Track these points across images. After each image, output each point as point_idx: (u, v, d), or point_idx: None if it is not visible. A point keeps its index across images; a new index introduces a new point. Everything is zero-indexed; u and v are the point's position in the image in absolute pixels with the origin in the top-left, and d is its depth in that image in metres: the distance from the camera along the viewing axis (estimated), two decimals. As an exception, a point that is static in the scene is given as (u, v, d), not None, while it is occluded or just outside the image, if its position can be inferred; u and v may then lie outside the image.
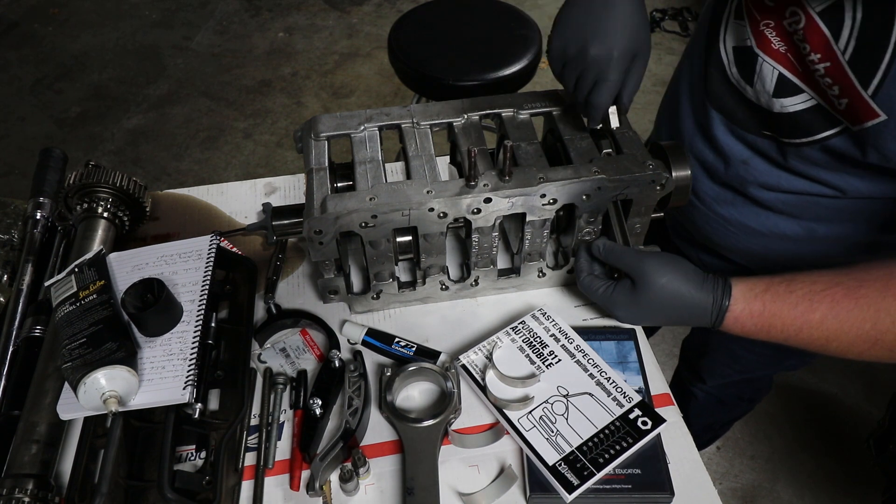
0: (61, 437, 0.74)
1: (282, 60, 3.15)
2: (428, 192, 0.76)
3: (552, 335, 0.82)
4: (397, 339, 0.85)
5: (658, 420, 0.73)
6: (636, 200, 0.81)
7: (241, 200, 1.08)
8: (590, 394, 0.76)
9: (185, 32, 3.33)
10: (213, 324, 0.80)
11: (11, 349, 0.81)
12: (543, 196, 0.77)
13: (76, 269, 0.80)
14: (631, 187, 0.79)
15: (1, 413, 0.76)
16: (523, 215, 0.80)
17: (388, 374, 0.79)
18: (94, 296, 0.76)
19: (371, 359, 0.85)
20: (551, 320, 0.84)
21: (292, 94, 2.98)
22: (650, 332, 1.68)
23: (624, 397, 0.75)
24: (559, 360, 0.79)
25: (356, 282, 0.92)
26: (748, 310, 0.72)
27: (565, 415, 0.74)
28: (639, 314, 0.79)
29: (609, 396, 0.75)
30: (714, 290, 0.73)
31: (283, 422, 0.79)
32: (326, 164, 0.82)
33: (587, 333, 0.83)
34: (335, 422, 0.79)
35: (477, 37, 1.77)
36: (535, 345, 0.81)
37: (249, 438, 0.77)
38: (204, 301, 0.78)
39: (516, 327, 0.83)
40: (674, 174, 0.81)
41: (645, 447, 0.72)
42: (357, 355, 0.82)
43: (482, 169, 0.79)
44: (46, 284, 0.83)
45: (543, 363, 0.79)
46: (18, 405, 0.75)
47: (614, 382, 0.77)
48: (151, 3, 3.49)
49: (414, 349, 0.84)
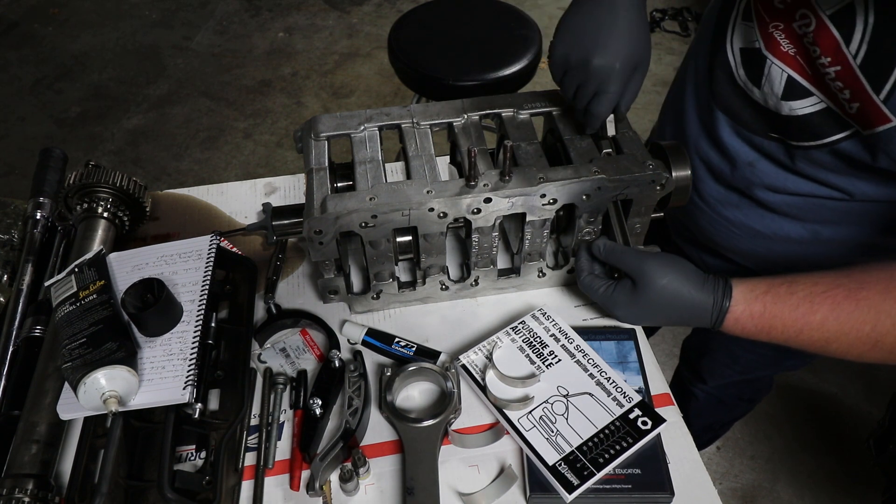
0: (61, 437, 0.74)
1: (282, 60, 3.15)
2: (428, 192, 0.76)
3: (552, 335, 0.82)
4: (397, 339, 0.85)
5: (658, 420, 0.73)
6: (636, 200, 0.81)
7: (241, 200, 1.08)
8: (590, 394, 0.76)
9: (185, 32, 3.33)
10: (213, 324, 0.80)
11: (11, 349, 0.81)
12: (543, 196, 0.77)
13: (76, 269, 0.80)
14: (631, 187, 0.79)
15: (1, 413, 0.76)
16: (523, 215, 0.80)
17: (388, 374, 0.79)
18: (94, 296, 0.76)
19: (371, 359, 0.85)
20: (551, 320, 0.84)
21: (292, 94, 2.98)
22: (650, 332, 1.68)
23: (624, 397, 0.75)
24: (559, 360, 0.79)
25: (356, 282, 0.92)
26: (748, 311, 0.72)
27: (565, 415, 0.74)
28: (639, 314, 0.79)
29: (609, 396, 0.75)
30: (714, 291, 0.73)
31: (283, 422, 0.79)
32: (326, 164, 0.82)
33: (587, 333, 0.83)
34: (335, 422, 0.79)
35: (477, 37, 1.77)
36: (535, 345, 0.81)
37: (249, 438, 0.77)
38: (204, 301, 0.78)
39: (516, 327, 0.83)
40: (674, 174, 0.81)
41: (645, 447, 0.72)
42: (357, 355, 0.82)
43: (482, 169, 0.79)
44: (46, 284, 0.83)
45: (543, 363, 0.79)
46: (18, 405, 0.75)
47: (614, 382, 0.77)
48: (151, 3, 3.50)
49: (414, 349, 0.84)
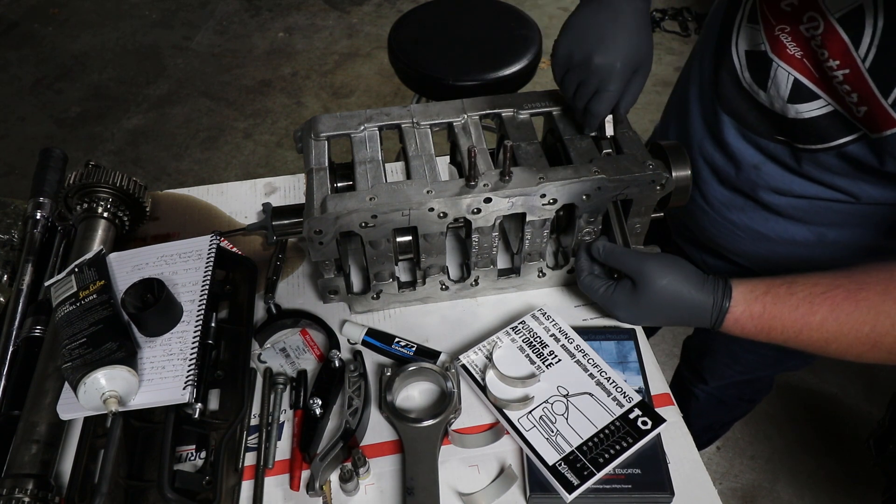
0: (61, 437, 0.74)
1: (282, 60, 3.15)
2: (428, 192, 0.76)
3: (552, 335, 0.82)
4: (397, 339, 0.85)
5: (658, 420, 0.73)
6: (636, 200, 0.81)
7: (241, 200, 1.08)
8: (590, 394, 0.76)
9: (185, 32, 3.33)
10: (213, 324, 0.80)
11: (11, 349, 0.81)
12: (543, 196, 0.77)
13: (76, 269, 0.80)
14: (631, 187, 0.79)
15: (1, 413, 0.76)
16: (523, 215, 0.80)
17: (388, 374, 0.79)
18: (94, 296, 0.76)
19: (371, 359, 0.85)
20: (551, 320, 0.84)
21: (292, 94, 2.98)
22: (650, 333, 1.68)
23: (624, 397, 0.75)
24: (559, 360, 0.79)
25: (356, 282, 0.92)
26: (748, 311, 0.72)
27: (565, 415, 0.74)
28: (639, 314, 0.79)
29: (609, 396, 0.75)
30: (714, 292, 0.73)
31: (283, 422, 0.79)
32: (326, 164, 0.82)
33: (587, 333, 0.83)
34: (335, 422, 0.79)
35: (477, 37, 1.77)
36: (535, 345, 0.81)
37: (249, 438, 0.77)
38: (204, 301, 0.78)
39: (516, 327, 0.83)
40: (674, 174, 0.81)
41: (645, 447, 0.72)
42: (357, 355, 0.82)
43: (482, 169, 0.79)
44: (46, 284, 0.83)
45: (543, 363, 0.79)
46: (18, 405, 0.75)
47: (614, 382, 0.77)
48: (151, 3, 3.49)
49: (414, 349, 0.84)
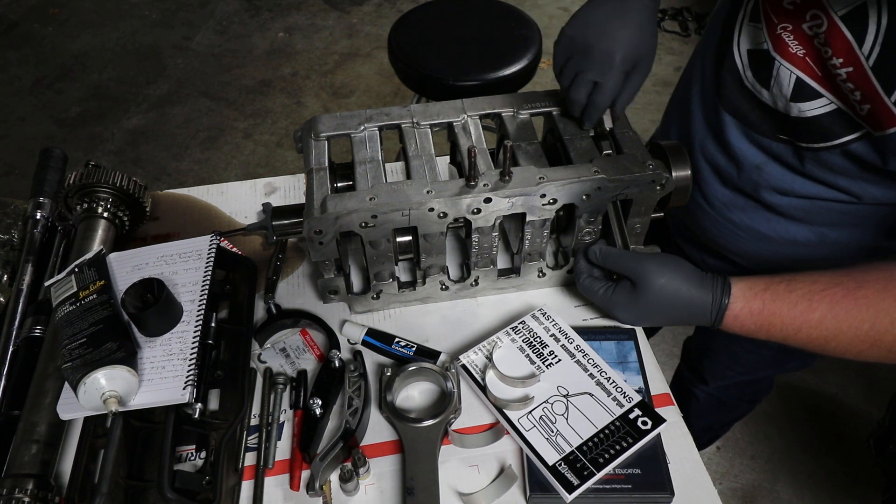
0: (61, 437, 0.74)
1: (282, 60, 3.15)
2: (428, 192, 0.76)
3: (552, 335, 0.82)
4: (397, 339, 0.85)
5: (658, 420, 0.73)
6: (636, 200, 0.81)
7: (241, 200, 1.08)
8: (590, 394, 0.76)
9: (185, 32, 3.33)
10: (213, 324, 0.80)
11: (11, 349, 0.81)
12: (543, 196, 0.77)
13: (76, 269, 0.80)
14: (631, 187, 0.79)
15: (1, 413, 0.76)
16: (523, 215, 0.80)
17: (388, 374, 0.79)
18: (94, 296, 0.76)
19: (371, 359, 0.85)
20: (551, 320, 0.84)
21: (292, 94, 2.98)
22: (651, 333, 1.68)
23: (624, 397, 0.75)
24: (559, 360, 0.79)
25: (356, 282, 0.92)
26: (747, 308, 0.72)
27: (565, 415, 0.74)
28: (639, 315, 0.79)
29: (609, 396, 0.75)
30: (713, 289, 0.73)
31: (283, 422, 0.79)
32: (326, 164, 0.82)
33: (587, 333, 0.83)
34: (335, 422, 0.79)
35: (477, 37, 1.77)
36: (535, 345, 0.81)
37: (249, 438, 0.77)
38: (204, 301, 0.78)
39: (516, 327, 0.83)
40: (674, 174, 0.81)
41: (645, 447, 0.72)
42: (357, 355, 0.82)
43: (482, 169, 0.79)
44: (46, 284, 0.83)
45: (543, 363, 0.79)
46: (18, 405, 0.75)
47: (614, 382, 0.77)
48: (151, 3, 3.49)
49: (414, 349, 0.84)
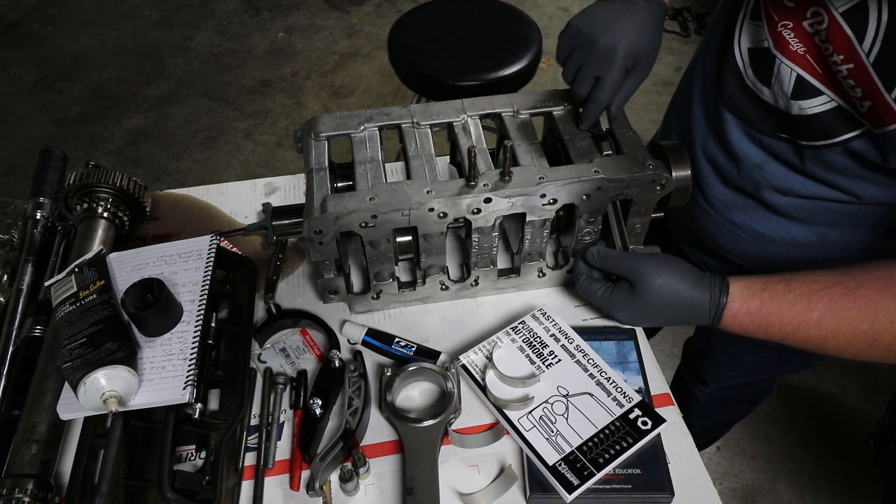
0: (61, 437, 0.74)
1: (282, 60, 3.15)
2: (428, 192, 0.76)
3: (552, 335, 0.82)
4: (397, 339, 0.85)
5: (658, 420, 0.73)
6: (636, 200, 0.81)
7: (241, 200, 1.08)
8: (590, 394, 0.76)
9: (185, 32, 3.33)
10: (213, 324, 0.80)
11: (11, 349, 0.81)
12: (543, 196, 0.77)
13: (76, 269, 0.80)
14: (631, 187, 0.79)
15: (1, 413, 0.76)
16: (523, 215, 0.80)
17: (388, 374, 0.79)
18: (94, 296, 0.76)
19: (371, 359, 0.85)
20: (551, 320, 0.84)
21: (292, 94, 2.98)
22: (651, 333, 1.68)
23: (624, 397, 0.75)
24: (559, 360, 0.79)
25: (356, 282, 0.92)
26: (746, 307, 0.72)
27: (565, 415, 0.74)
28: (638, 315, 0.79)
29: (609, 396, 0.75)
30: (711, 288, 0.73)
31: (283, 422, 0.79)
32: (326, 164, 0.82)
33: (587, 333, 0.83)
34: (335, 422, 0.79)
35: (477, 37, 1.77)
36: (535, 345, 0.81)
37: (249, 438, 0.77)
38: (204, 301, 0.78)
39: (516, 327, 0.83)
40: (674, 174, 0.81)
41: (645, 447, 0.72)
42: (357, 355, 0.82)
43: (482, 169, 0.79)
44: (46, 284, 0.83)
45: (543, 363, 0.79)
46: (18, 405, 0.75)
47: (614, 382, 0.77)
48: (151, 3, 3.49)
49: (414, 349, 0.84)
